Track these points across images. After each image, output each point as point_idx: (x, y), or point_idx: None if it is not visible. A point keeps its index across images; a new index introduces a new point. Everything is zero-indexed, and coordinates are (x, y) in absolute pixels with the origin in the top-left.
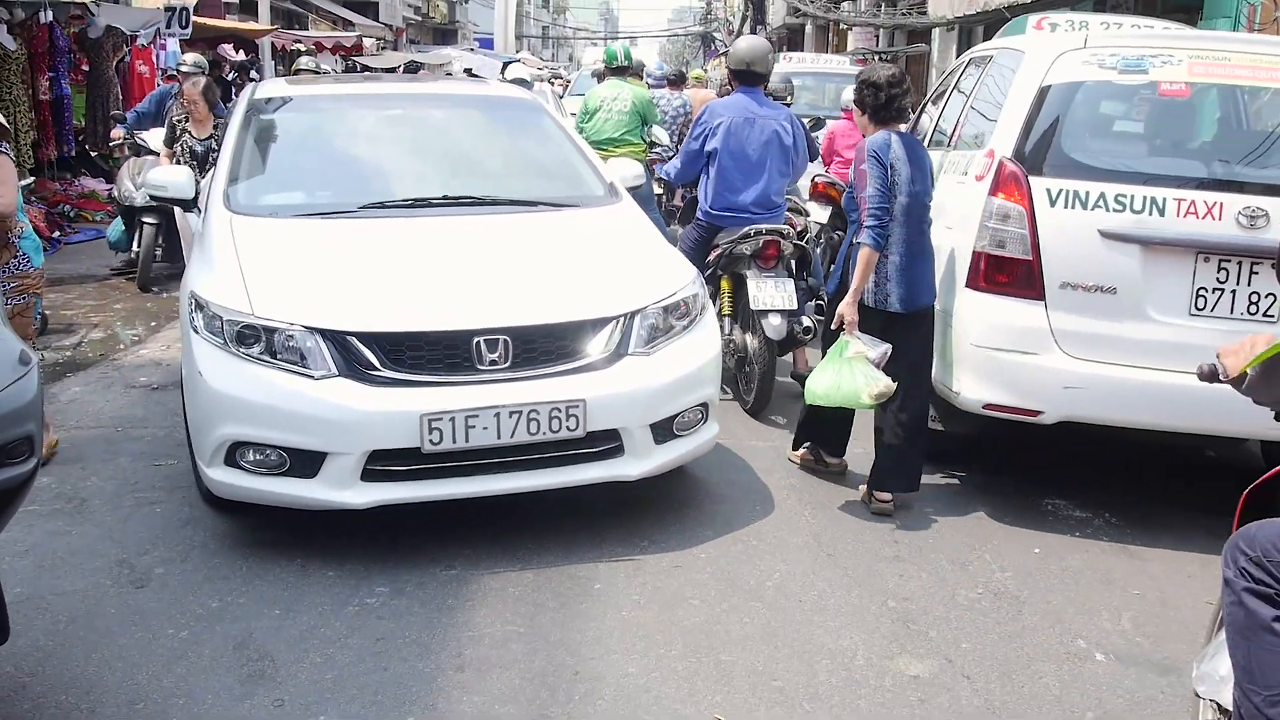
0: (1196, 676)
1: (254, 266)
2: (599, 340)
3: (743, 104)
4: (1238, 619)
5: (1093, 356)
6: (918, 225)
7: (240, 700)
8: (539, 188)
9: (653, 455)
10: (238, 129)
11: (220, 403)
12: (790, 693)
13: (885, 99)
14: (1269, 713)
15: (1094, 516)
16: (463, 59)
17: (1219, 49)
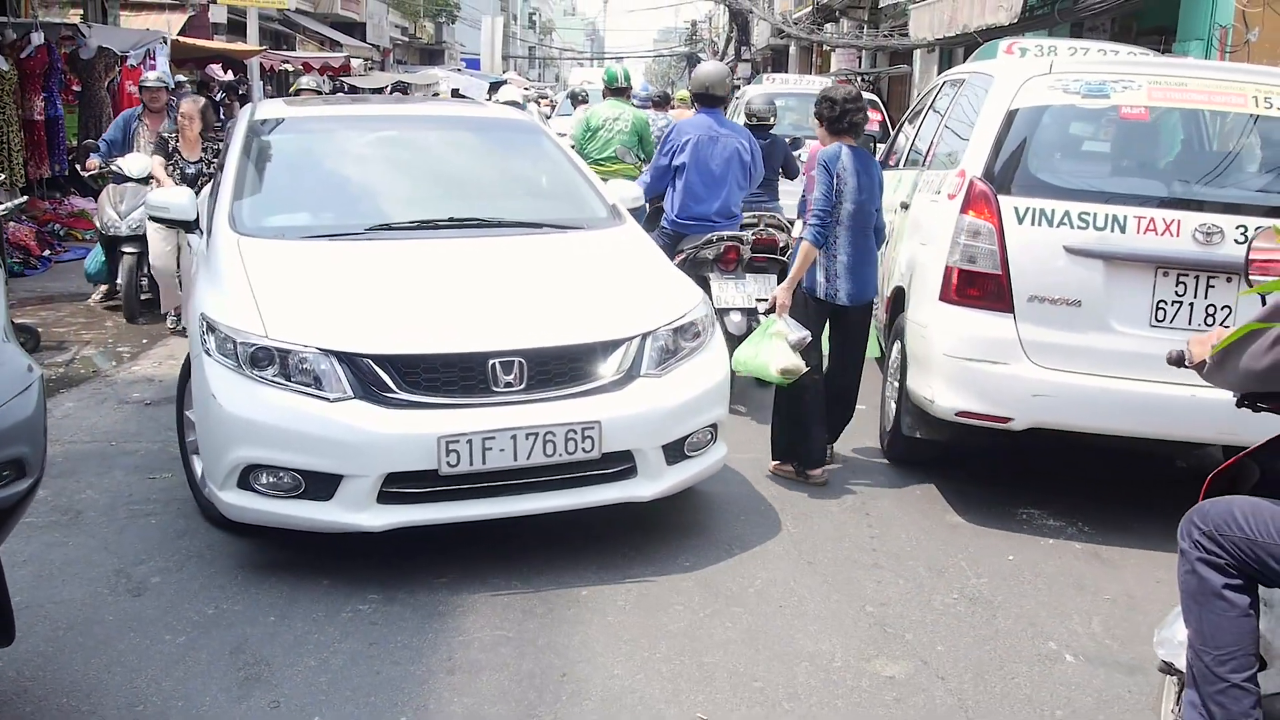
0: (1157, 641)
1: (265, 288)
2: (612, 362)
3: (706, 124)
4: (1191, 586)
5: (1059, 366)
6: (864, 230)
7: (237, 702)
8: (543, 210)
9: (665, 476)
10: (240, 150)
11: (234, 425)
12: (770, 693)
13: (840, 113)
14: (1218, 671)
15: (1067, 524)
16: (450, 79)
17: (1176, 75)
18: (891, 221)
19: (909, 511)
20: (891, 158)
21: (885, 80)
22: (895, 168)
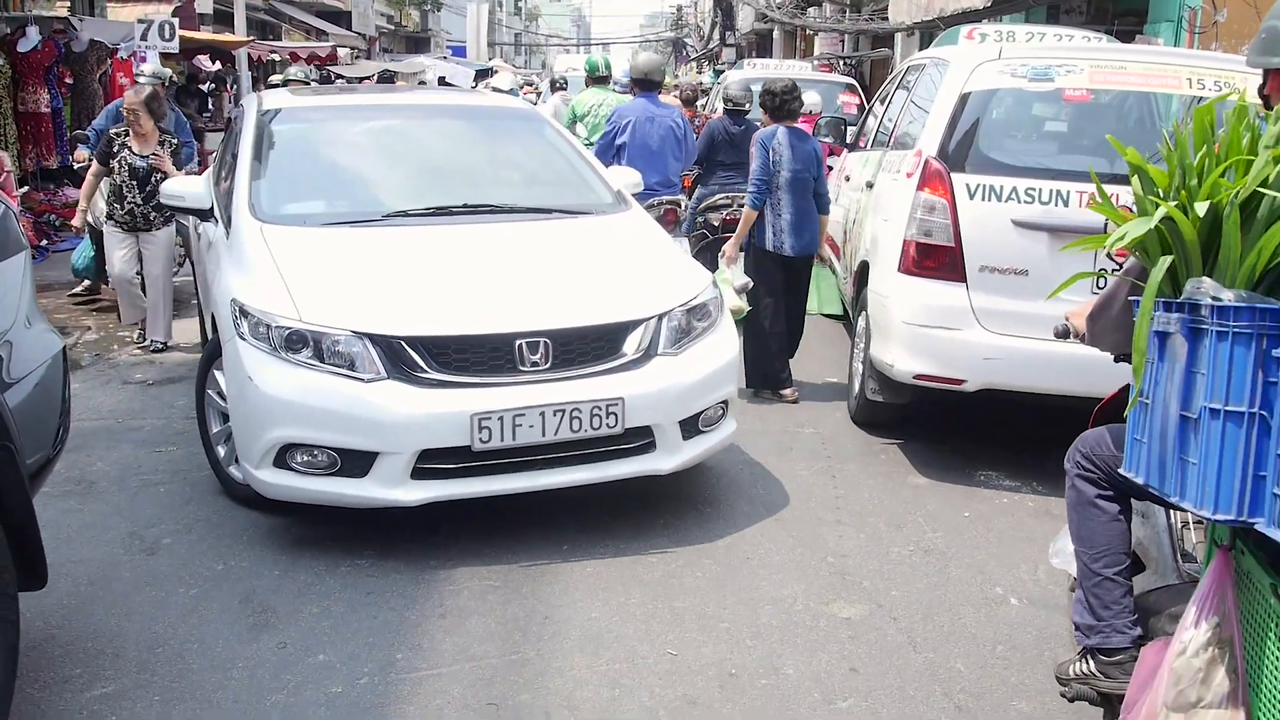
0: (1052, 552)
1: (294, 274)
2: (631, 341)
3: (643, 106)
4: (1072, 498)
5: (1008, 331)
6: (803, 194)
7: (248, 644)
8: (552, 196)
9: (682, 450)
10: (252, 140)
11: (272, 406)
12: (735, 632)
13: (779, 103)
14: (1094, 567)
15: (1023, 484)
16: (436, 67)
17: (1117, 59)
18: (859, 201)
19: (873, 473)
20: (862, 140)
21: (867, 64)
22: (864, 149)
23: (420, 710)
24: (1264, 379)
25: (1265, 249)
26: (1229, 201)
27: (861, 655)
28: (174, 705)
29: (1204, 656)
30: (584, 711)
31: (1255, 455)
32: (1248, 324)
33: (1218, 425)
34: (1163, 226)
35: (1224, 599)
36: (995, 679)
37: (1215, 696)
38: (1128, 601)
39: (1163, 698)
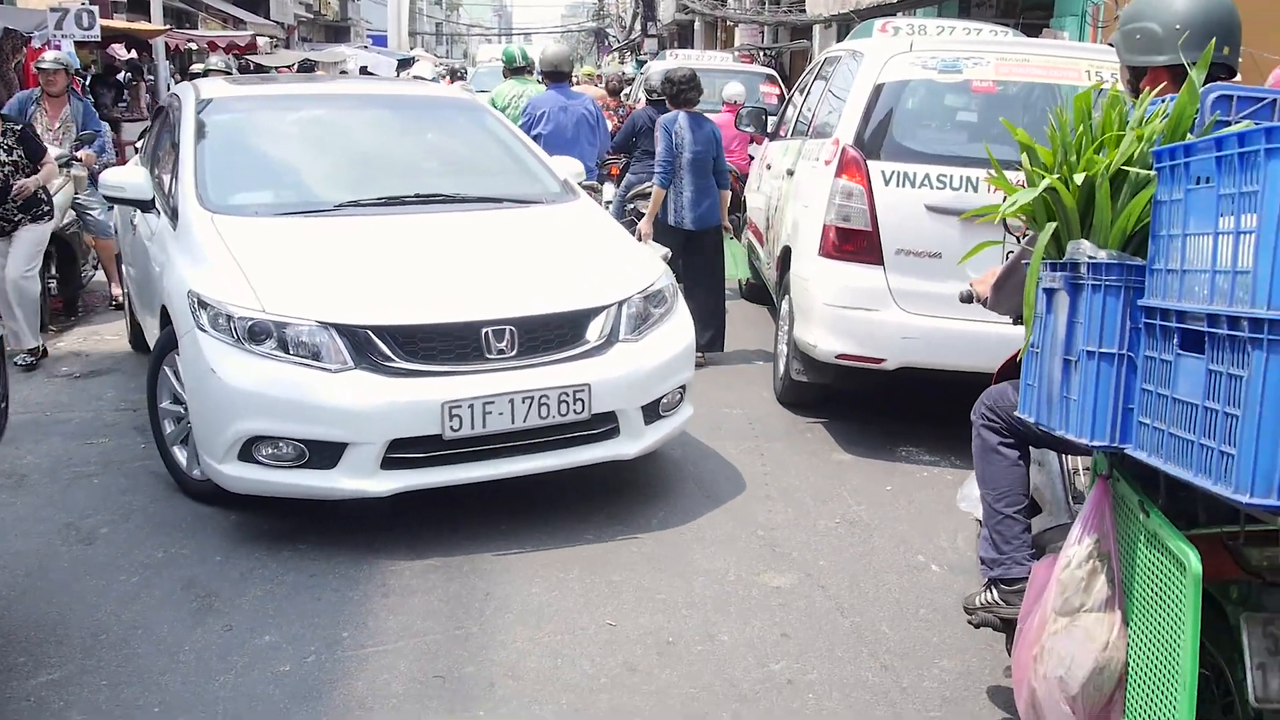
0: (960, 498)
1: (253, 264)
2: (594, 328)
3: (555, 96)
4: (977, 446)
5: (924, 311)
6: (703, 173)
7: (193, 628)
8: (501, 185)
9: (645, 435)
10: (192, 130)
11: (236, 398)
12: (670, 602)
13: (677, 90)
14: (996, 506)
15: (941, 459)
16: (357, 57)
17: (1020, 52)
18: (780, 188)
19: (799, 450)
20: (782, 129)
21: (787, 55)
22: (785, 138)
23: (368, 684)
24: (1130, 325)
25: (1131, 214)
26: (1101, 174)
27: (792, 621)
28: (122, 689)
29: (1086, 568)
30: (528, 680)
31: (1124, 390)
32: (1118, 278)
33: (1093, 365)
34: (1047, 196)
35: (1103, 519)
36: (918, 639)
37: (1095, 602)
38: (1026, 537)
39: (1052, 605)
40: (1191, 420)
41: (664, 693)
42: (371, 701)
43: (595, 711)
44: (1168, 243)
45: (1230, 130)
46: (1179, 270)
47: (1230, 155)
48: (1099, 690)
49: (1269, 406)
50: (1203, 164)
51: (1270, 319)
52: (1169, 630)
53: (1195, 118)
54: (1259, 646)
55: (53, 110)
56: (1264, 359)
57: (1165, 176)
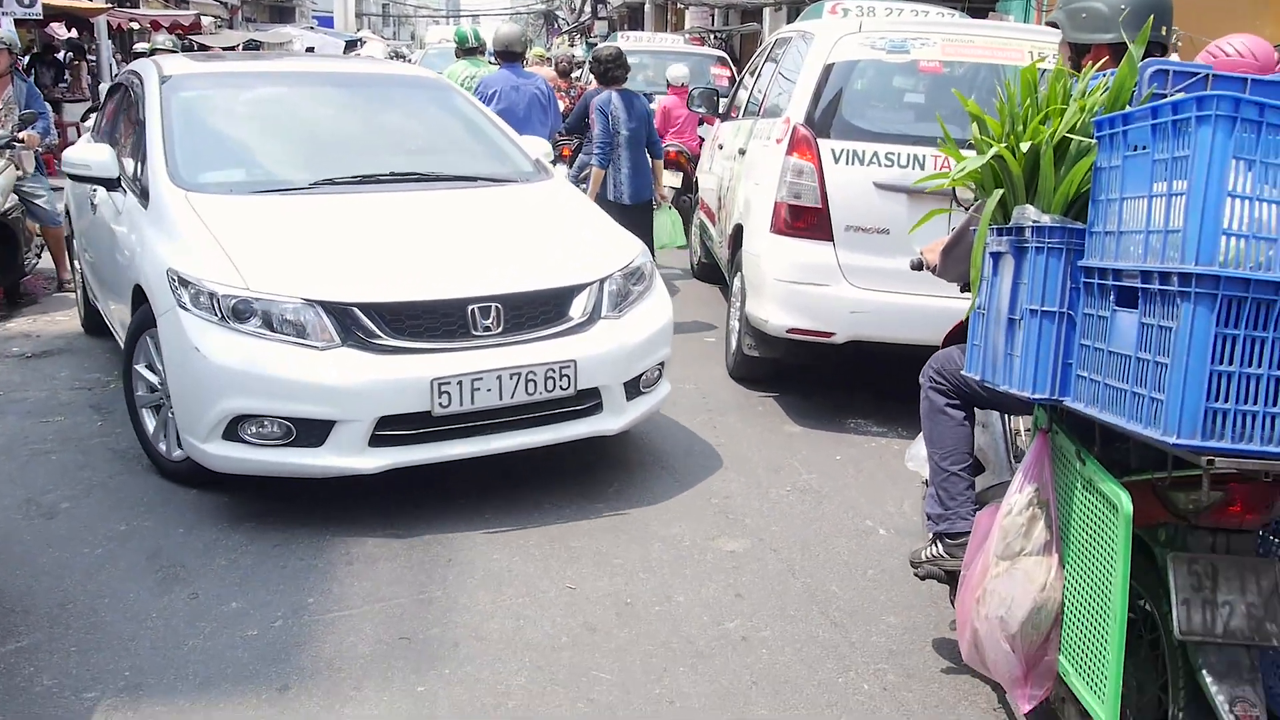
0: (908, 458)
1: (234, 242)
2: (577, 305)
3: (508, 76)
4: (925, 407)
5: (872, 286)
6: (638, 150)
7: (159, 596)
8: (474, 164)
9: (627, 411)
10: (158, 108)
11: (221, 377)
12: (628, 567)
13: (604, 69)
14: (943, 464)
15: (889, 430)
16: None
17: (966, 33)
18: (732, 168)
19: (751, 423)
20: (734, 110)
21: (737, 38)
22: (736, 119)
23: (335, 647)
24: (1071, 285)
25: (1073, 181)
26: (1046, 143)
27: (745, 583)
28: (91, 654)
29: (1026, 515)
30: (491, 641)
31: (1064, 346)
32: (1059, 240)
33: (1036, 323)
34: (995, 164)
35: (1043, 470)
36: (867, 598)
37: (1035, 546)
38: (970, 494)
39: (994, 550)
40: (1125, 371)
41: (623, 650)
42: (340, 662)
43: (557, 669)
44: (1106, 207)
45: (1165, 100)
46: (1116, 232)
47: (1164, 123)
48: (1037, 629)
49: (1194, 354)
50: (1139, 132)
51: (1197, 273)
52: (1102, 569)
53: (1134, 90)
54: (1183, 583)
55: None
56: (1191, 310)
57: (1105, 144)
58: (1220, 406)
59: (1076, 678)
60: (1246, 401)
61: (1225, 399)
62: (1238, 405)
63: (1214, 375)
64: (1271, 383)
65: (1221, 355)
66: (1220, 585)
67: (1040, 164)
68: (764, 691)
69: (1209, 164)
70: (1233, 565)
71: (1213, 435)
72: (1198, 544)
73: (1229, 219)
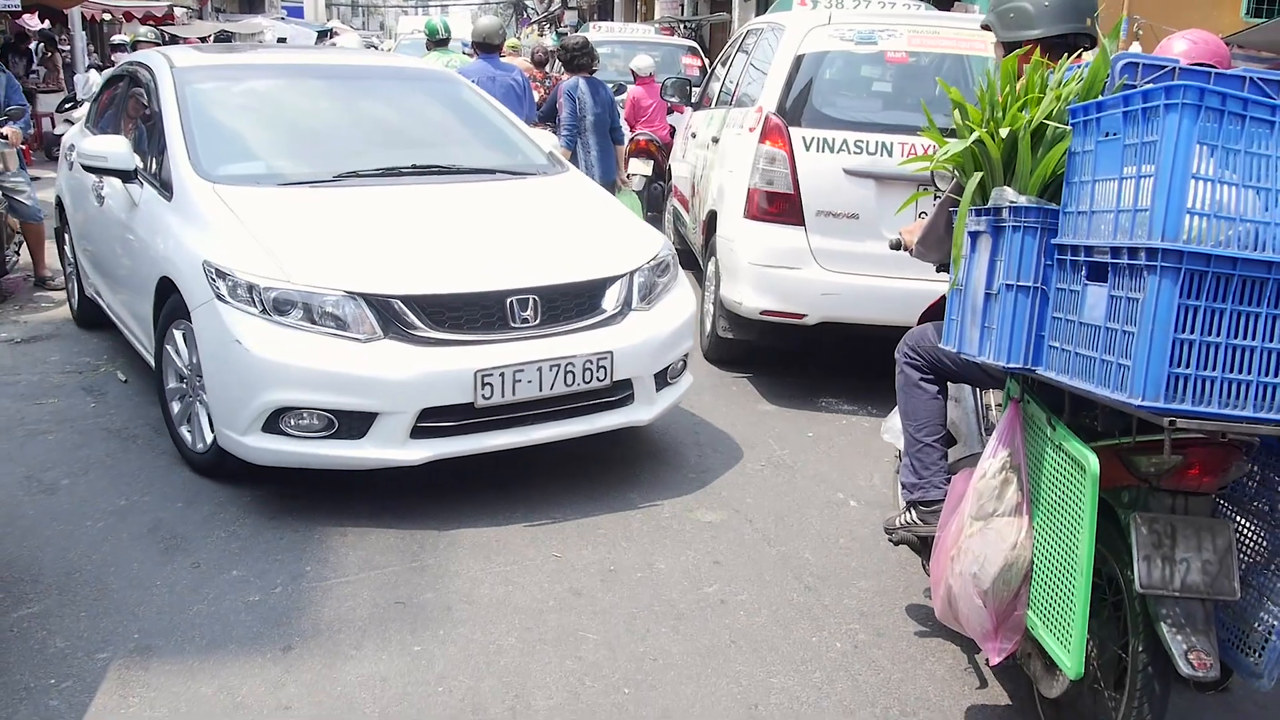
0: (884, 430)
1: (269, 235)
2: (610, 297)
3: (484, 66)
4: (900, 381)
5: (842, 269)
6: (604, 133)
7: (162, 566)
8: (491, 157)
9: (656, 401)
10: (174, 100)
11: (264, 369)
12: (610, 536)
13: (571, 57)
14: (917, 436)
15: (860, 408)
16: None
17: (931, 25)
18: (705, 156)
19: (726, 402)
20: (706, 99)
21: (707, 28)
22: (709, 108)
23: (335, 611)
24: (1044, 262)
25: (1048, 165)
26: (1024, 128)
27: (723, 550)
28: (100, 619)
29: (999, 478)
30: (482, 605)
31: (1038, 319)
32: (1035, 220)
33: (1011, 297)
34: (975, 148)
35: (1015, 436)
36: (838, 564)
37: (1006, 507)
38: (942, 464)
39: (968, 511)
40: (1095, 340)
41: (607, 613)
42: (338, 625)
43: (545, 629)
44: (1079, 188)
45: (1137, 89)
46: (1088, 212)
47: (1135, 110)
48: (1007, 585)
49: (1159, 323)
50: (1111, 119)
51: (1163, 249)
52: (1069, 526)
53: (1106, 81)
54: (1144, 541)
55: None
56: (1157, 283)
57: (1079, 130)
58: (1182, 372)
59: (1044, 630)
60: (1206, 367)
61: (1187, 365)
62: (1198, 371)
63: (1177, 343)
64: (1229, 350)
65: (1184, 324)
66: (1179, 543)
67: (1018, 148)
68: (741, 649)
69: (1175, 148)
70: (1190, 525)
71: (1175, 398)
72: (1159, 505)
73: (1193, 199)
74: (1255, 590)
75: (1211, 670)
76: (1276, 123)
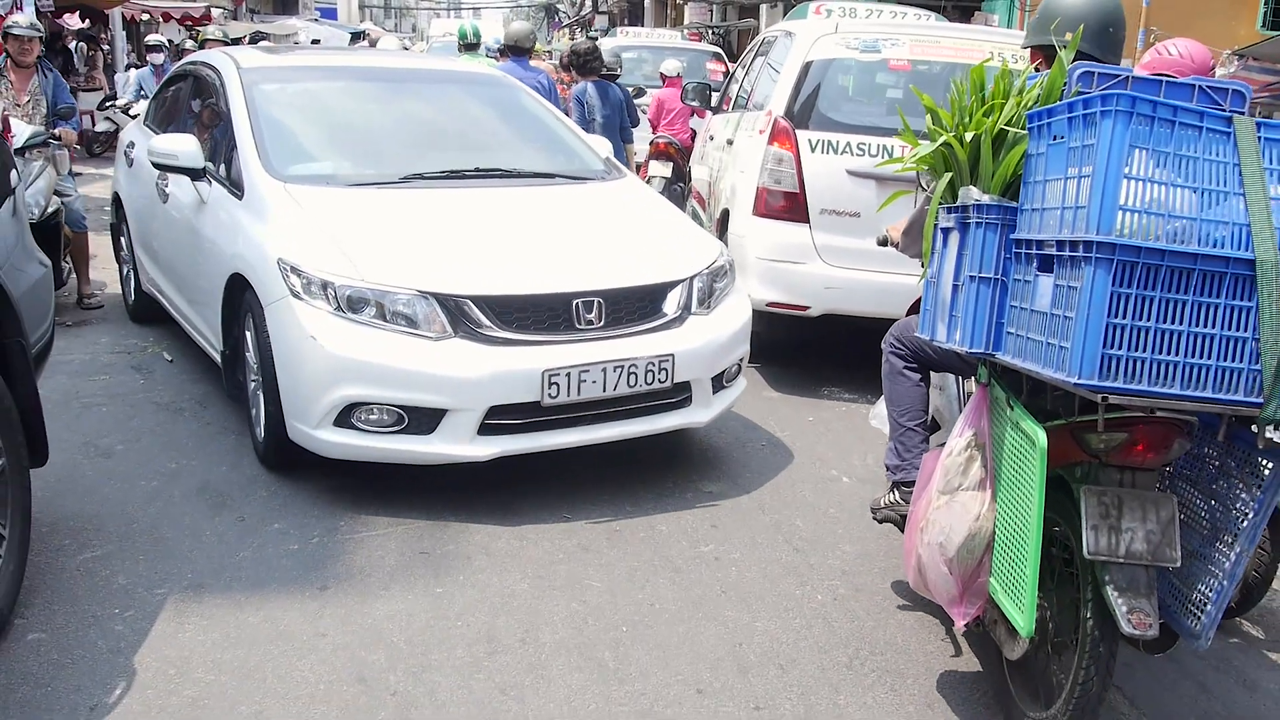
0: (871, 415)
1: (341, 234)
2: (671, 301)
3: (513, 68)
4: (886, 369)
5: (844, 264)
6: (613, 135)
7: (210, 519)
8: (551, 161)
9: (714, 404)
10: (243, 100)
11: (338, 365)
12: (617, 501)
13: (582, 61)
14: (901, 420)
15: (859, 397)
16: (309, 29)
17: (933, 35)
18: (721, 157)
19: None
20: (725, 103)
21: (735, 33)
22: (727, 111)
23: (366, 558)
24: (1004, 255)
25: (1008, 166)
26: (985, 133)
27: (720, 516)
28: (157, 562)
29: (964, 455)
30: (498, 556)
31: (998, 307)
32: (996, 216)
33: (974, 287)
34: (945, 151)
35: (981, 417)
36: (826, 531)
37: (971, 482)
38: (924, 447)
39: (936, 486)
40: (1043, 325)
41: (611, 566)
42: (369, 570)
43: (555, 578)
44: (1034, 188)
45: (1078, 96)
46: (1040, 209)
47: (1078, 116)
48: (971, 553)
49: (1094, 309)
50: (1059, 124)
51: (1097, 241)
52: (1024, 497)
53: (1064, 88)
54: (1093, 511)
55: (19, 82)
56: (1092, 272)
57: (1034, 134)
58: (1115, 353)
59: (1003, 595)
60: (1137, 349)
61: (1119, 346)
62: (1129, 352)
63: (1110, 327)
64: (1158, 334)
65: (1116, 310)
66: (1124, 514)
67: (981, 151)
68: (731, 599)
69: (1109, 151)
70: (1136, 497)
71: (1108, 376)
72: (1107, 479)
73: (1126, 197)
74: (1201, 559)
75: (1151, 630)
76: (1203, 127)
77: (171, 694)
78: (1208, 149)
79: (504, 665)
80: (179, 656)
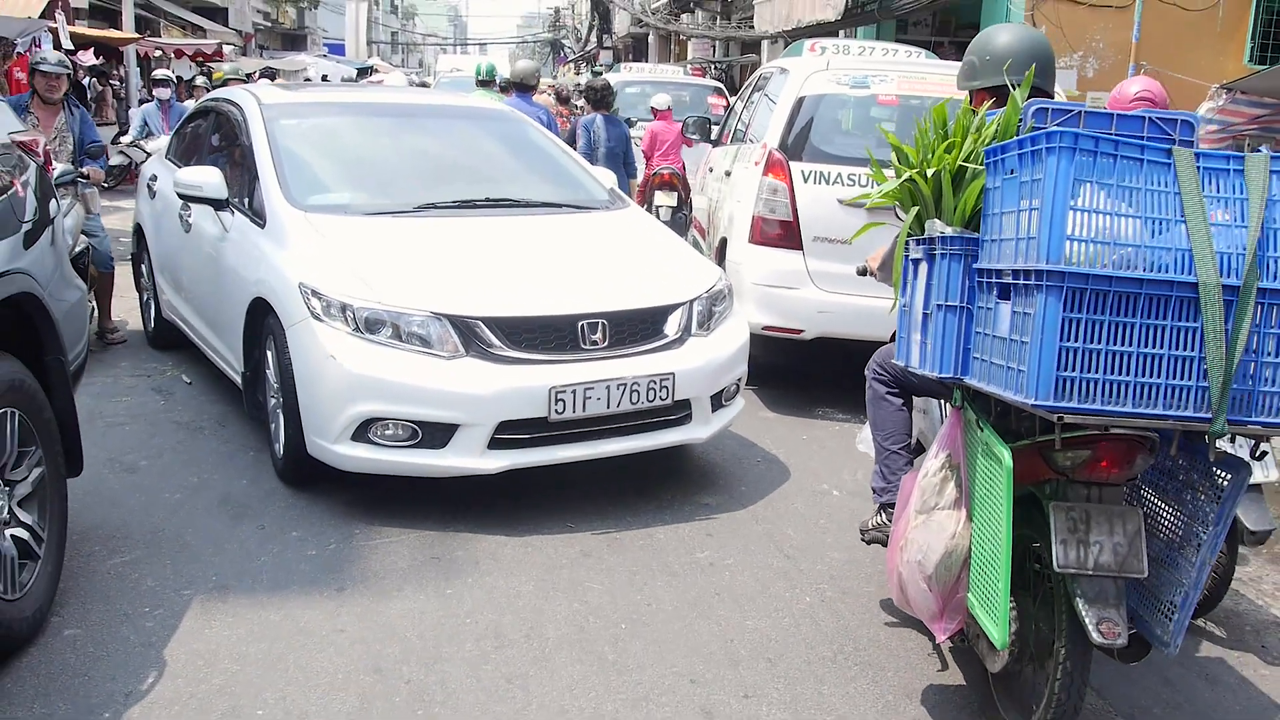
0: (858, 440)
1: (359, 259)
2: (672, 323)
3: (519, 103)
4: (869, 395)
5: (836, 289)
6: (616, 166)
7: (232, 528)
8: (556, 192)
9: (713, 421)
10: (264, 134)
11: (356, 383)
12: (616, 512)
13: (599, 96)
14: (885, 444)
15: (852, 418)
16: (318, 65)
17: (920, 71)
18: (719, 188)
19: None
20: (725, 136)
21: (737, 69)
22: (725, 144)
23: (380, 563)
24: (969, 284)
25: (968, 200)
26: (945, 169)
27: (716, 526)
28: (183, 566)
29: (939, 476)
30: (505, 561)
31: (964, 334)
32: (959, 248)
33: (941, 315)
34: (910, 186)
35: (955, 439)
36: (816, 540)
37: (947, 501)
38: (907, 470)
39: (913, 506)
40: (1004, 351)
41: (611, 570)
42: (384, 573)
43: (558, 580)
44: (993, 220)
45: (1028, 134)
46: (999, 239)
47: (1027, 152)
48: (949, 570)
49: (1047, 333)
50: (1011, 159)
51: (1047, 270)
52: (995, 515)
53: (1019, 125)
54: (1062, 526)
55: (46, 119)
56: (1044, 299)
57: (991, 169)
58: (1069, 375)
59: (980, 609)
60: (1089, 370)
61: (1073, 368)
62: (1082, 373)
63: (1063, 350)
64: (1109, 355)
65: (1069, 334)
66: (1092, 528)
67: (943, 186)
68: (724, 600)
69: (1055, 184)
70: (1103, 512)
71: (1063, 397)
72: (1075, 495)
73: (1073, 227)
74: (1169, 569)
75: (1120, 639)
76: (1144, 160)
77: (201, 682)
78: (1149, 179)
79: (510, 658)
80: (206, 650)
